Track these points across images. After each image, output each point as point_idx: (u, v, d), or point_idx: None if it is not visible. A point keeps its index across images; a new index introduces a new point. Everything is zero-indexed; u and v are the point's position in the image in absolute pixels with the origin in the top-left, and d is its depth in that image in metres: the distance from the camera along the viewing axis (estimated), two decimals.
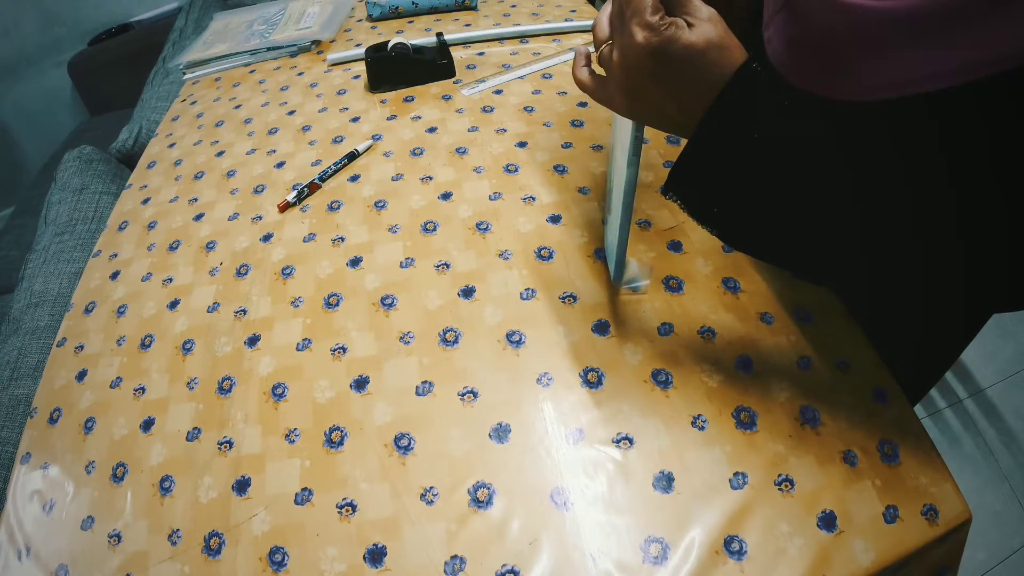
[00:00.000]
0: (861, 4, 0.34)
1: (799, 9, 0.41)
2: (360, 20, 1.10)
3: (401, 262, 0.60)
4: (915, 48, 0.33)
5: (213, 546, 0.44)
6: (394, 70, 0.85)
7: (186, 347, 0.57)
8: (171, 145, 0.87)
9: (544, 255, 0.58)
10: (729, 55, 0.36)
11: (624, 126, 0.44)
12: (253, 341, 0.56)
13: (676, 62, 0.36)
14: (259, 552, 0.43)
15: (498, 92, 0.82)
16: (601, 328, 0.52)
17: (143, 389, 0.55)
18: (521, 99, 0.80)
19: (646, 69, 0.36)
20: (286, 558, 0.43)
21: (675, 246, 0.57)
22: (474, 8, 1.06)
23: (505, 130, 0.74)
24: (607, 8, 0.41)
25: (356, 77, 0.91)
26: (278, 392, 0.52)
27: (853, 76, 0.36)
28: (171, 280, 0.65)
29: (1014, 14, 0.28)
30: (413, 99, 0.84)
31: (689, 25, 0.36)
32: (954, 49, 0.31)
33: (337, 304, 0.58)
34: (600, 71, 0.42)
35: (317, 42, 1.03)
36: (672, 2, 0.37)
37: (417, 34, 1.02)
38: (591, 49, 0.44)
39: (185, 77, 1.05)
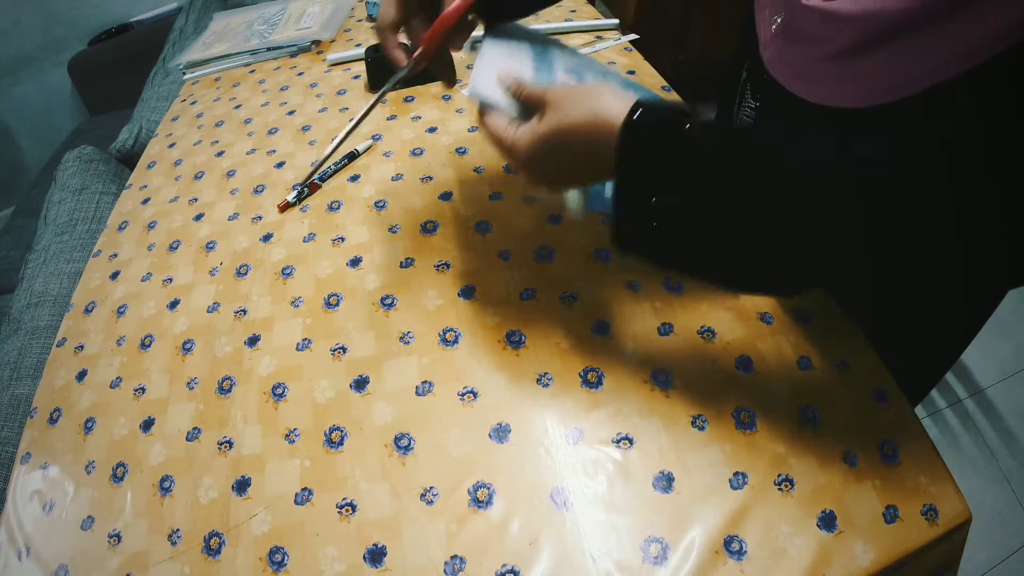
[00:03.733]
0: (855, 13, 0.34)
1: (797, 29, 0.41)
2: (360, 20, 1.10)
3: (401, 262, 0.60)
4: (913, 46, 0.33)
5: (213, 546, 0.44)
6: (394, 70, 0.85)
7: (186, 347, 0.57)
8: (171, 145, 0.87)
9: (544, 255, 0.58)
10: (598, 109, 0.38)
11: None
12: (253, 341, 0.56)
13: (553, 149, 0.40)
14: (259, 552, 0.43)
15: None
16: (601, 328, 0.52)
17: (143, 389, 0.55)
18: None
19: (541, 164, 0.41)
20: (286, 558, 0.43)
21: None
22: None
23: None
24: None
25: (356, 77, 0.91)
26: (278, 392, 0.52)
27: (862, 82, 0.36)
28: (171, 280, 0.65)
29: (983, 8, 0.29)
30: (413, 99, 0.84)
31: (541, 117, 0.40)
32: (950, 41, 0.31)
33: (337, 304, 0.58)
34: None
35: (317, 42, 1.03)
36: (530, 107, 0.42)
37: None
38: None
39: (185, 77, 1.05)
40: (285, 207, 0.69)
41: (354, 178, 0.72)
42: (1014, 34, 0.29)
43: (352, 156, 0.74)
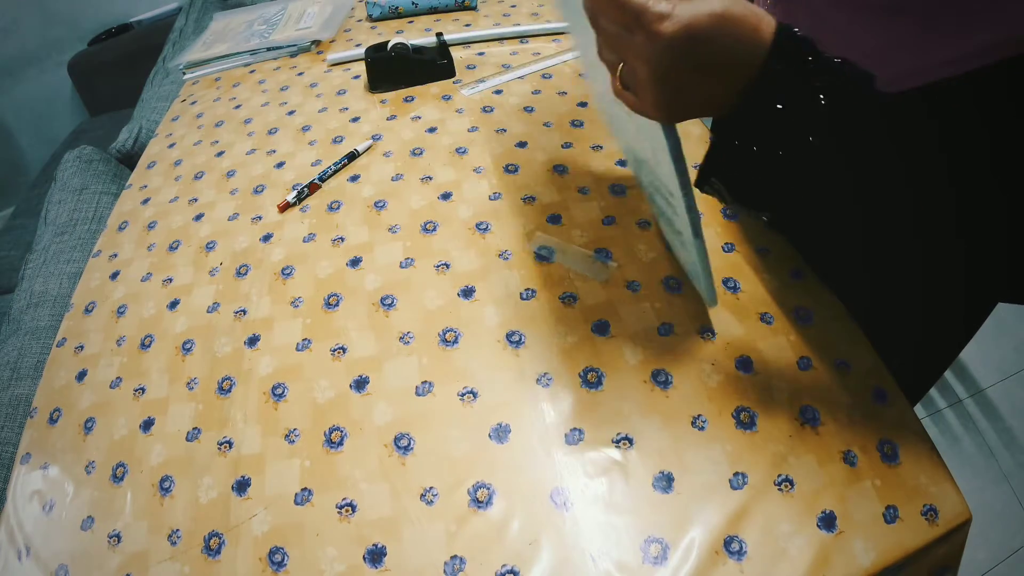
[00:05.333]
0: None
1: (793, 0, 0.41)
2: (360, 20, 1.10)
3: (401, 262, 0.60)
4: (916, 36, 0.33)
5: (213, 546, 0.44)
6: (394, 70, 0.85)
7: (186, 347, 0.57)
8: (171, 145, 0.87)
9: (544, 255, 0.58)
10: (751, 8, 0.34)
11: (672, 183, 0.40)
12: (253, 341, 0.56)
13: (709, 38, 0.32)
14: (259, 552, 0.43)
15: (498, 92, 0.82)
16: (601, 328, 0.52)
17: (143, 389, 0.55)
18: (521, 99, 0.79)
19: (684, 62, 0.33)
20: (286, 558, 0.43)
21: None
22: (474, 8, 1.06)
23: (505, 130, 0.74)
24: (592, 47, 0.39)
25: (356, 77, 0.91)
26: (278, 392, 0.52)
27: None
28: (171, 280, 0.65)
29: None
30: (413, 99, 0.84)
31: None
32: (956, 35, 0.31)
33: (337, 304, 0.58)
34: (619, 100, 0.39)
35: (317, 42, 1.03)
36: None
37: (417, 34, 1.02)
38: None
39: (185, 77, 1.05)
40: (285, 207, 0.69)
41: (354, 178, 0.72)
42: (997, 52, 0.29)
43: (352, 156, 0.74)
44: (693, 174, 0.40)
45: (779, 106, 0.34)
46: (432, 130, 0.77)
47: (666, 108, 0.35)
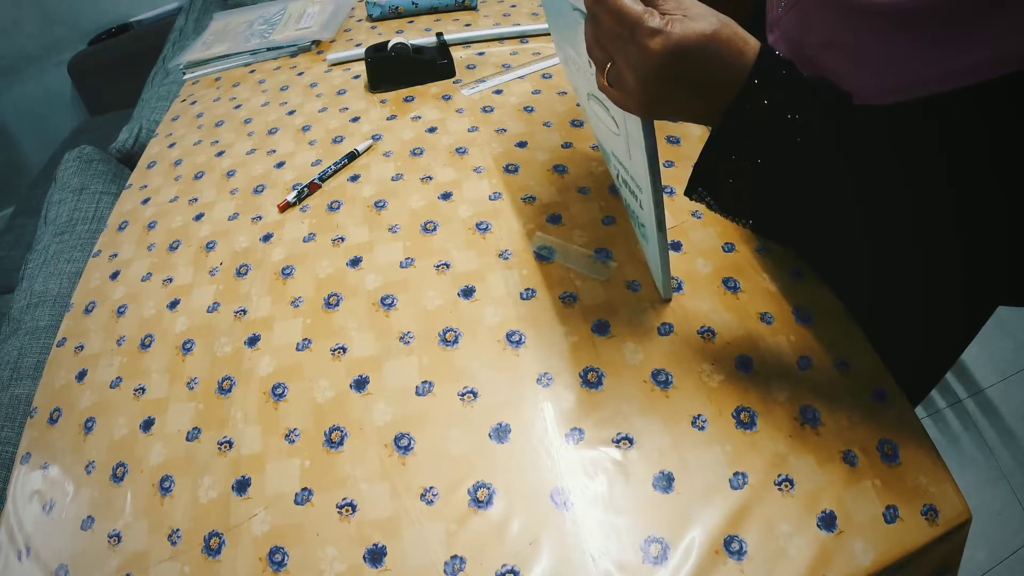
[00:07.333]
0: (869, 3, 0.34)
1: (807, 11, 0.41)
2: (360, 20, 1.10)
3: (401, 262, 0.60)
4: (920, 49, 0.33)
5: (213, 546, 0.44)
6: (394, 70, 0.85)
7: (186, 347, 0.57)
8: (171, 145, 0.87)
9: (544, 255, 0.58)
10: (738, 33, 0.36)
11: (643, 178, 0.43)
12: (253, 341, 0.56)
13: (696, 57, 0.34)
14: (259, 552, 0.43)
15: (498, 92, 0.82)
16: (601, 328, 0.52)
17: (143, 389, 0.55)
18: (521, 99, 0.80)
19: (670, 76, 0.35)
20: (286, 558, 0.43)
21: (675, 246, 0.57)
22: (474, 8, 1.06)
23: (505, 130, 0.74)
24: (583, 35, 0.40)
25: (356, 77, 0.91)
26: (278, 392, 0.52)
27: (861, 78, 0.36)
28: (171, 280, 0.65)
29: (1015, 14, 0.29)
30: (413, 99, 0.84)
31: (686, 17, 0.34)
32: (959, 50, 0.32)
33: (337, 304, 0.58)
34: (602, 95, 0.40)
35: (317, 42, 1.03)
36: (654, 4, 0.35)
37: (417, 34, 1.02)
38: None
39: (185, 77, 1.05)
40: (285, 207, 0.69)
41: (354, 178, 0.72)
42: (1008, 65, 0.30)
43: (352, 156, 0.74)
44: (678, 175, 0.41)
45: (755, 131, 0.36)
46: (432, 130, 0.77)
47: (648, 110, 0.37)
